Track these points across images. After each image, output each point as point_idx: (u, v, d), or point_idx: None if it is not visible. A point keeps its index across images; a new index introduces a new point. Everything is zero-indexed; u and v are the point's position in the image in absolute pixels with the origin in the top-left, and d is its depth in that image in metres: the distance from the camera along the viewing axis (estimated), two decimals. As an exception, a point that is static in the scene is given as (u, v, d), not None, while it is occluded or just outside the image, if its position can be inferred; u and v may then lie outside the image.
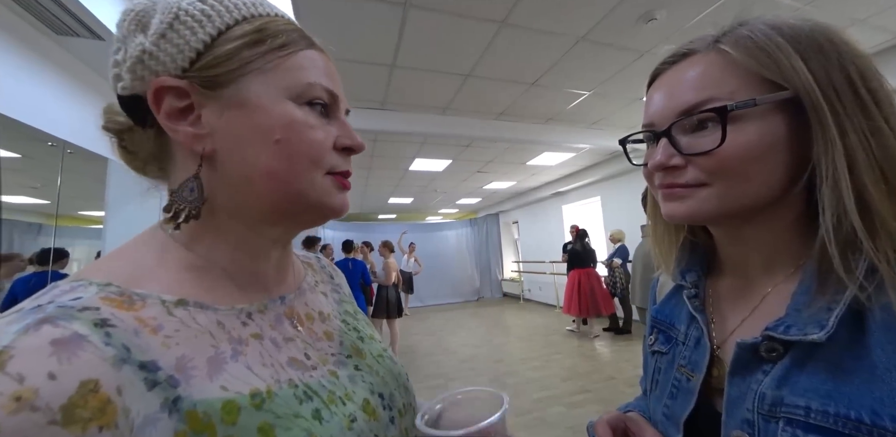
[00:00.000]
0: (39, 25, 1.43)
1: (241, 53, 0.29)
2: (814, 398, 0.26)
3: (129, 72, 0.28)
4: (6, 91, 1.35)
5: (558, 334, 4.67)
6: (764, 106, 0.29)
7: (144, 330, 0.23)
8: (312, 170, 0.30)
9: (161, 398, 0.21)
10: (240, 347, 0.27)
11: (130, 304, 0.24)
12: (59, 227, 2.19)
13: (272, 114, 0.29)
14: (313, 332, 0.36)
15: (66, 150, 1.73)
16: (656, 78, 0.36)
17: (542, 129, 3.61)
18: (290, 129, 0.29)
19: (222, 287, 0.30)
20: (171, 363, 0.23)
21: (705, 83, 0.31)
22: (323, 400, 0.29)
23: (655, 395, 0.41)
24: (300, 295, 0.38)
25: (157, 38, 0.27)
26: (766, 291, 0.34)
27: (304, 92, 0.30)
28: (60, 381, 0.18)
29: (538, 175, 5.79)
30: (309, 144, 0.30)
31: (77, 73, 1.71)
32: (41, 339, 0.19)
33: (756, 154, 0.30)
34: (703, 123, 0.31)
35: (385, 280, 3.96)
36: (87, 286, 0.24)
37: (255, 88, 0.29)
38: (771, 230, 0.34)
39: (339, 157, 0.32)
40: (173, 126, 0.28)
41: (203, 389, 0.23)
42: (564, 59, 2.38)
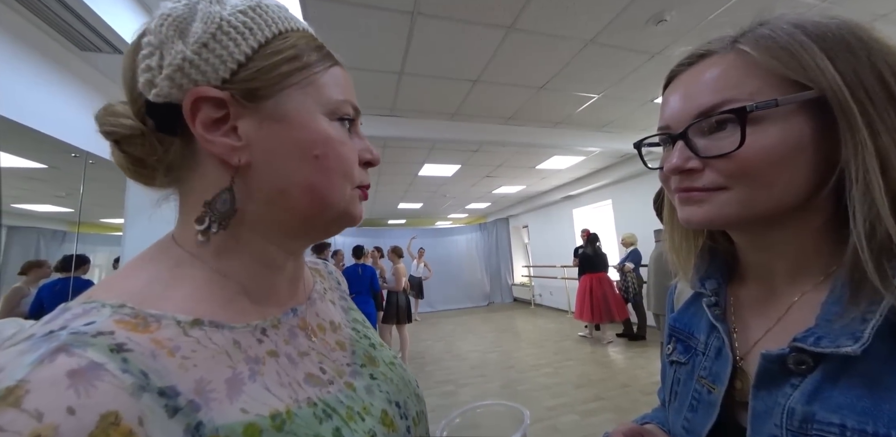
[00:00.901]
0: (64, 42, 1.49)
1: (282, 68, 0.29)
2: (849, 415, 0.24)
3: (167, 79, 0.27)
4: (34, 105, 1.40)
5: (570, 339, 4.59)
6: (787, 107, 0.28)
7: (162, 352, 0.22)
8: (345, 184, 0.31)
9: (183, 424, 0.21)
10: (257, 366, 0.27)
11: (146, 326, 0.23)
12: (82, 234, 2.27)
13: (311, 129, 0.29)
14: (327, 343, 0.35)
15: (88, 160, 1.78)
16: (672, 80, 0.35)
17: (552, 132, 3.59)
18: (328, 145, 0.30)
19: (236, 302, 0.29)
20: (190, 387, 0.22)
21: (724, 85, 0.30)
22: (342, 417, 0.29)
23: (675, 407, 0.39)
24: (311, 306, 0.38)
25: (200, 47, 0.27)
26: (792, 300, 0.33)
27: (337, 108, 0.31)
28: (80, 416, 0.17)
29: (548, 179, 5.75)
30: (344, 160, 0.31)
31: (98, 85, 1.77)
32: (57, 370, 0.18)
33: (778, 156, 0.28)
34: (722, 125, 0.30)
35: (395, 286, 3.96)
36: (101, 309, 0.23)
37: (294, 103, 0.29)
38: (797, 236, 0.32)
39: (363, 171, 0.34)
40: (209, 136, 0.27)
41: (224, 412, 0.23)
42: (573, 62, 2.37)
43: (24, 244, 2.25)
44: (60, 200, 2.27)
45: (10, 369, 0.18)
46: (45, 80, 1.47)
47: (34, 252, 2.18)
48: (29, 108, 1.38)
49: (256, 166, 0.29)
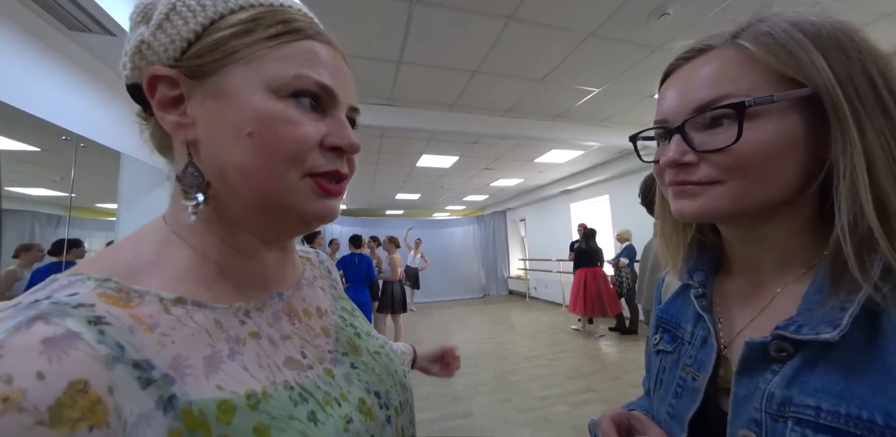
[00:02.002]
0: (54, 21, 1.45)
1: (229, 43, 0.28)
2: (825, 398, 0.25)
3: (130, 61, 0.29)
4: (22, 86, 1.38)
5: (564, 332, 4.66)
6: (782, 103, 0.29)
7: (140, 328, 0.23)
8: (287, 169, 0.28)
9: (155, 396, 0.21)
10: (237, 346, 0.27)
11: (128, 301, 0.24)
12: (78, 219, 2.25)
13: (246, 105, 0.27)
14: (311, 328, 0.35)
15: (79, 143, 1.77)
16: (670, 74, 0.35)
17: (551, 126, 3.57)
18: (264, 122, 0.27)
19: (219, 283, 0.30)
20: (165, 362, 0.23)
21: (722, 79, 0.30)
22: (318, 402, 0.29)
23: (659, 394, 0.40)
24: (298, 291, 0.38)
25: (155, 28, 0.28)
26: (775, 291, 0.34)
27: (288, 84, 0.28)
28: (48, 381, 0.18)
29: (546, 172, 5.74)
30: (285, 140, 0.28)
31: (89, 67, 1.74)
32: (32, 337, 0.18)
33: (772, 152, 0.29)
34: (718, 120, 0.30)
35: (391, 276, 3.99)
36: (86, 281, 0.24)
37: (235, 79, 0.28)
38: (784, 230, 0.33)
39: (325, 157, 0.30)
40: (162, 114, 0.29)
41: (199, 388, 0.23)
42: (573, 55, 2.34)
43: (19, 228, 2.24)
44: (55, 185, 2.26)
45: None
46: (33, 60, 1.44)
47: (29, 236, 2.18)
48: (18, 88, 1.36)
49: (202, 144, 0.28)
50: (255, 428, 0.24)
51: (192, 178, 0.29)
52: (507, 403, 2.63)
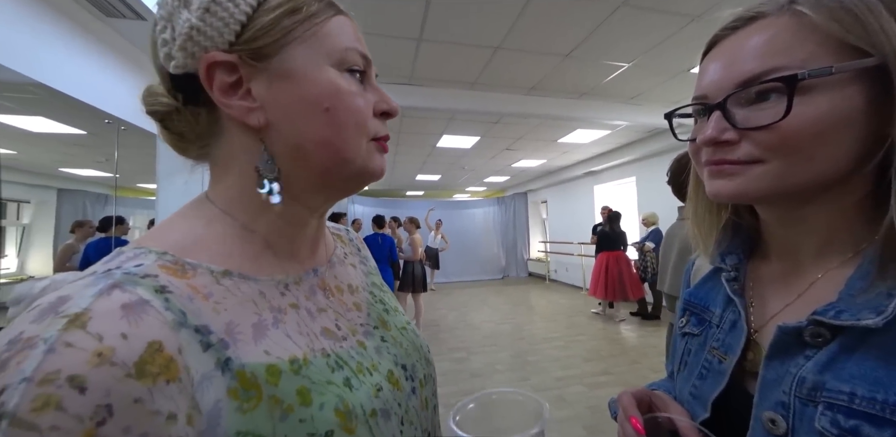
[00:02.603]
0: (93, 9, 1.51)
1: (282, 23, 0.28)
2: (861, 384, 0.25)
3: (181, 49, 0.27)
4: (67, 72, 1.46)
5: (583, 315, 4.67)
6: (841, 75, 0.26)
7: (197, 296, 0.25)
8: (359, 136, 0.31)
9: (214, 358, 0.24)
10: (279, 315, 0.29)
11: (184, 272, 0.26)
12: (122, 198, 2.42)
13: (319, 83, 0.29)
14: (344, 303, 0.37)
15: (120, 127, 1.87)
16: (714, 45, 0.33)
17: (576, 104, 3.42)
18: (337, 97, 0.29)
19: (262, 258, 0.31)
20: (221, 328, 0.25)
21: (773, 50, 0.28)
22: (352, 370, 0.31)
23: (683, 376, 0.40)
24: (331, 268, 0.39)
25: (203, 12, 0.27)
26: (815, 276, 0.33)
27: (344, 58, 0.30)
28: (130, 341, 0.20)
29: (570, 153, 5.56)
30: (355, 112, 0.30)
31: (124, 51, 1.81)
32: (113, 303, 0.21)
33: (824, 128, 0.27)
34: (765, 95, 0.28)
35: (411, 256, 4.07)
36: (147, 254, 0.26)
37: (299, 58, 0.29)
38: (830, 212, 0.31)
39: (379, 122, 0.33)
40: (227, 101, 0.28)
41: (249, 352, 0.25)
42: (602, 27, 2.20)
43: (74, 206, 2.45)
44: (101, 166, 2.42)
45: (77, 298, 0.21)
46: (75, 47, 1.51)
47: (82, 213, 2.38)
48: (64, 75, 1.44)
49: (274, 125, 0.29)
50: (298, 391, 0.26)
51: (267, 164, 0.30)
52: (524, 381, 2.70)
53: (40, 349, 0.18)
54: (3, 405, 0.17)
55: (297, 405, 0.25)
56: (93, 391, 0.18)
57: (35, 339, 0.18)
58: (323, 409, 0.26)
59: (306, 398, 0.26)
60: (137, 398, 0.19)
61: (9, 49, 1.21)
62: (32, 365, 0.18)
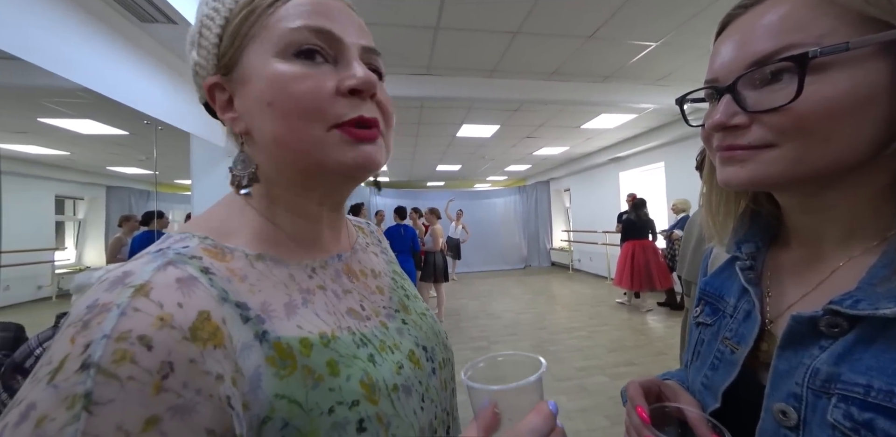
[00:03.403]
0: (128, 15, 1.61)
1: (239, 31, 0.30)
2: (878, 376, 0.24)
3: (196, 83, 0.33)
4: (109, 76, 1.56)
5: (607, 305, 4.60)
6: (860, 51, 0.25)
7: (235, 279, 0.28)
8: (310, 125, 0.28)
9: (253, 330, 0.26)
10: (308, 296, 0.32)
11: (223, 256, 0.29)
12: (161, 193, 2.60)
13: (262, 77, 0.29)
14: (367, 286, 0.39)
15: (157, 127, 1.99)
16: (727, 25, 0.31)
17: (600, 88, 3.29)
18: (276, 87, 0.28)
19: (288, 245, 0.34)
20: (257, 306, 0.28)
21: (788, 27, 0.26)
22: (375, 347, 0.33)
23: (696, 366, 0.40)
24: (354, 254, 0.42)
25: (196, 47, 0.32)
26: (836, 265, 0.31)
27: (290, 42, 0.29)
28: (185, 310, 0.23)
29: (593, 139, 5.38)
30: (298, 97, 0.28)
31: (158, 55, 1.91)
32: (169, 277, 0.24)
33: (842, 109, 0.25)
34: (777, 75, 0.27)
35: (432, 246, 4.13)
36: (191, 238, 0.29)
37: (250, 58, 0.30)
38: (854, 197, 0.30)
39: (347, 102, 0.29)
40: (222, 115, 0.33)
41: (283, 327, 0.28)
42: (628, 5, 2.09)
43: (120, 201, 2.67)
44: (142, 163, 2.59)
45: (139, 273, 0.24)
46: (114, 52, 1.61)
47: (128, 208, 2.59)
48: (107, 79, 1.54)
49: (251, 130, 0.31)
50: (327, 362, 0.28)
51: (240, 165, 0.32)
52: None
53: (115, 313, 0.21)
54: (90, 357, 0.20)
55: (326, 376, 0.28)
56: (157, 350, 0.21)
57: (110, 304, 0.22)
58: (349, 380, 0.28)
59: (335, 369, 0.28)
60: (192, 358, 0.22)
61: (59, 57, 1.31)
62: (110, 325, 0.21)
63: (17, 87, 1.55)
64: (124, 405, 0.19)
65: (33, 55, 1.21)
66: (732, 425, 0.31)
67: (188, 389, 0.21)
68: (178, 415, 0.21)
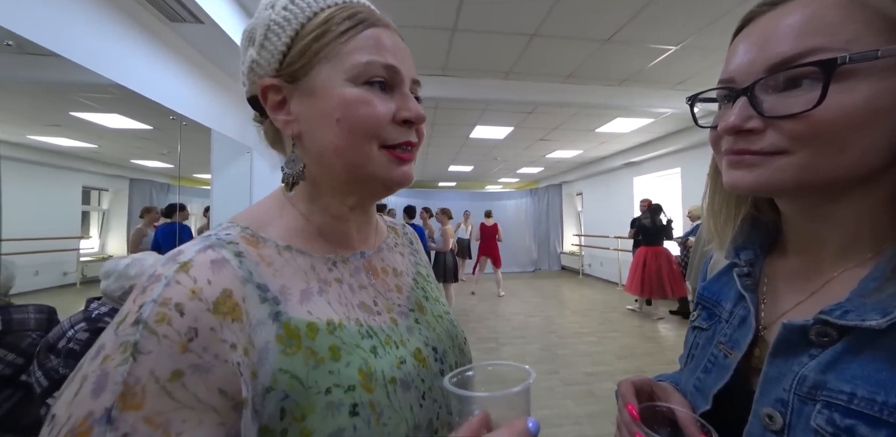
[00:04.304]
0: (157, 14, 1.68)
1: (311, 48, 0.33)
2: (862, 385, 0.24)
3: (247, 78, 0.36)
4: (139, 72, 1.63)
5: (618, 312, 4.54)
6: (887, 60, 0.24)
7: (262, 263, 0.32)
8: (367, 143, 0.34)
9: (268, 309, 0.30)
10: (324, 286, 0.35)
11: (256, 243, 0.33)
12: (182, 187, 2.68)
13: (333, 96, 0.33)
14: (386, 283, 0.41)
15: (182, 122, 2.06)
16: (748, 24, 0.30)
17: (616, 91, 3.26)
18: (346, 108, 0.33)
19: (317, 240, 0.38)
20: (276, 288, 0.32)
21: (814, 28, 0.25)
22: (380, 341, 0.35)
23: (689, 368, 0.40)
24: (378, 252, 0.44)
25: (259, 48, 0.35)
26: (832, 275, 0.31)
27: (362, 72, 0.33)
28: (213, 286, 0.27)
29: (608, 143, 5.32)
30: (363, 119, 0.33)
31: (186, 53, 1.97)
32: (206, 258, 0.29)
33: (861, 119, 0.25)
34: (797, 81, 0.26)
35: (442, 246, 4.14)
36: (235, 227, 0.34)
37: (321, 76, 0.33)
38: (857, 208, 0.29)
39: (398, 129, 0.35)
40: (274, 115, 0.36)
41: (295, 310, 0.31)
42: (648, 7, 2.07)
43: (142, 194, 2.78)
44: (164, 157, 2.68)
45: (187, 252, 0.29)
46: (144, 49, 1.67)
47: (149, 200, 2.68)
48: (137, 76, 1.61)
49: (304, 135, 0.35)
50: (330, 347, 0.31)
51: (291, 165, 0.36)
52: (553, 374, 2.70)
53: (162, 282, 0.26)
54: (142, 315, 0.25)
55: (328, 359, 0.30)
56: (187, 316, 0.25)
57: (161, 276, 0.27)
58: (349, 366, 0.31)
59: (336, 354, 0.31)
60: (213, 327, 0.26)
61: (94, 54, 1.37)
62: (157, 292, 0.26)
63: (53, 82, 1.62)
64: (158, 357, 0.24)
65: (71, 52, 1.27)
66: (720, 427, 0.31)
67: (207, 352, 0.25)
68: (198, 373, 0.25)
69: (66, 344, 1.03)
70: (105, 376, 0.23)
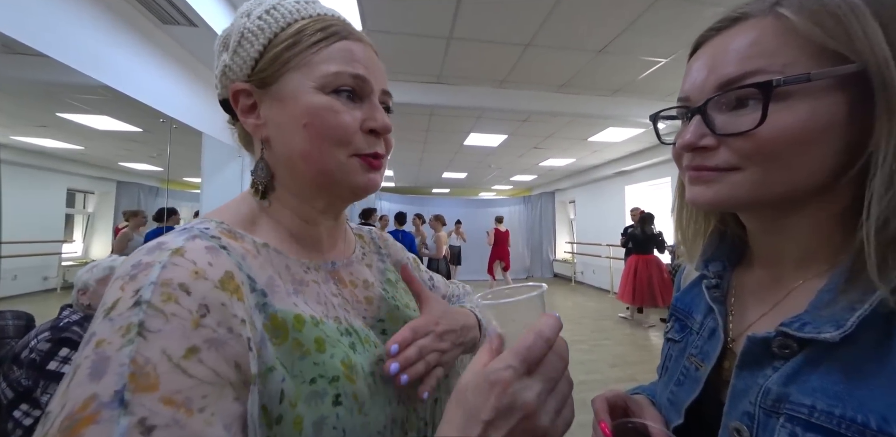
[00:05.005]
0: (150, 16, 1.66)
1: (282, 56, 0.34)
2: (821, 398, 0.25)
3: (219, 81, 0.37)
4: (129, 75, 1.61)
5: (610, 320, 4.54)
6: (821, 82, 0.26)
7: (249, 255, 0.32)
8: (337, 150, 0.34)
9: (257, 299, 0.30)
10: (300, 287, 0.35)
11: (236, 238, 0.33)
12: (171, 190, 2.63)
13: (300, 103, 0.34)
14: (355, 295, 0.41)
15: (172, 125, 2.03)
16: (700, 46, 0.33)
17: (608, 102, 3.32)
18: (315, 114, 0.34)
19: (289, 242, 0.37)
20: (263, 281, 0.32)
21: (755, 53, 0.28)
22: (360, 338, 0.36)
23: (664, 381, 0.41)
24: (348, 265, 0.43)
25: (232, 54, 0.36)
26: (793, 286, 0.32)
27: (331, 81, 0.34)
28: (214, 268, 0.27)
29: (600, 152, 5.40)
30: (332, 127, 0.34)
31: (178, 56, 1.95)
32: (199, 244, 0.28)
33: (802, 138, 0.26)
34: (744, 100, 0.28)
35: (436, 253, 4.12)
36: (210, 222, 0.34)
37: (291, 83, 0.34)
38: (811, 222, 0.31)
39: (367, 139, 0.36)
40: (244, 119, 0.36)
41: (282, 302, 0.32)
42: (639, 20, 2.12)
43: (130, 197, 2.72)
44: (153, 160, 2.64)
45: (172, 242, 0.28)
46: (136, 51, 1.66)
47: (136, 204, 2.63)
48: (127, 78, 1.59)
49: (273, 139, 0.36)
50: (315, 339, 0.31)
51: (259, 171, 0.37)
52: (545, 381, 2.67)
53: (158, 267, 0.26)
54: (142, 297, 0.24)
55: (313, 351, 0.31)
56: (195, 294, 0.25)
57: (153, 262, 0.26)
58: (333, 358, 0.31)
59: (321, 346, 0.31)
60: (224, 302, 0.26)
61: (85, 55, 1.35)
62: (155, 275, 0.25)
63: (41, 82, 1.59)
64: (169, 335, 0.23)
65: (60, 53, 1.25)
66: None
67: (221, 327, 0.25)
68: (214, 347, 0.24)
69: (28, 354, 0.98)
70: (105, 359, 0.22)
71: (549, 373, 0.26)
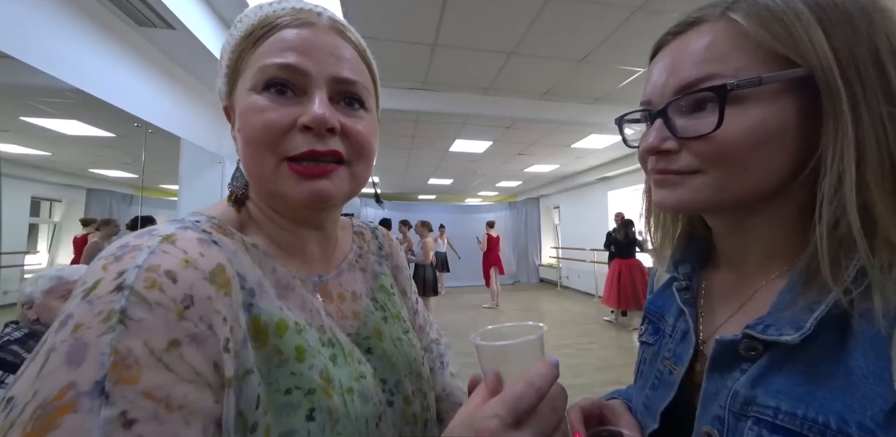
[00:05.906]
0: (125, 18, 1.60)
1: (236, 64, 0.33)
2: (785, 399, 0.25)
3: (222, 104, 0.37)
4: (101, 77, 1.54)
5: (595, 323, 4.58)
6: (772, 86, 0.26)
7: (241, 251, 0.30)
8: (265, 155, 0.30)
9: (244, 297, 0.28)
10: (285, 292, 0.33)
11: (227, 234, 0.31)
12: (146, 198, 2.52)
13: (238, 109, 0.32)
14: (341, 311, 0.38)
15: (147, 130, 1.95)
16: (659, 50, 0.33)
17: (590, 109, 3.40)
18: (242, 117, 0.31)
19: (276, 249, 0.36)
20: (253, 281, 0.30)
21: (710, 57, 0.28)
22: (343, 351, 0.34)
23: (639, 385, 0.40)
24: (337, 275, 0.40)
25: (220, 75, 0.35)
26: (757, 286, 0.33)
27: (259, 78, 0.30)
28: (206, 259, 0.26)
29: (583, 159, 5.51)
30: (255, 128, 0.30)
31: (154, 59, 1.89)
32: (190, 235, 0.27)
33: (757, 140, 0.27)
34: (702, 104, 0.28)
35: (422, 259, 4.09)
36: (201, 216, 0.32)
37: (239, 91, 0.33)
38: (771, 222, 0.31)
39: (300, 137, 0.30)
40: (231, 133, 0.36)
41: (269, 303, 0.30)
42: (618, 32, 2.19)
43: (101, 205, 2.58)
44: (127, 167, 2.53)
45: (163, 229, 0.27)
46: (110, 54, 1.59)
47: (108, 212, 2.50)
48: (99, 81, 1.52)
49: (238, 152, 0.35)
50: (297, 347, 0.29)
51: (235, 181, 0.36)
52: (533, 387, 2.66)
53: (146, 251, 0.24)
54: (125, 281, 0.22)
55: (292, 359, 0.29)
56: (181, 284, 0.24)
57: (141, 245, 0.25)
58: (312, 369, 0.29)
59: (301, 355, 0.29)
60: (209, 296, 0.25)
61: (49, 56, 1.29)
62: (142, 259, 0.24)
63: (2, 84, 1.51)
64: (152, 325, 0.21)
65: (25, 54, 1.18)
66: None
67: (203, 322, 0.24)
68: (195, 343, 0.23)
69: None
70: (83, 345, 0.20)
71: (539, 427, 0.24)
